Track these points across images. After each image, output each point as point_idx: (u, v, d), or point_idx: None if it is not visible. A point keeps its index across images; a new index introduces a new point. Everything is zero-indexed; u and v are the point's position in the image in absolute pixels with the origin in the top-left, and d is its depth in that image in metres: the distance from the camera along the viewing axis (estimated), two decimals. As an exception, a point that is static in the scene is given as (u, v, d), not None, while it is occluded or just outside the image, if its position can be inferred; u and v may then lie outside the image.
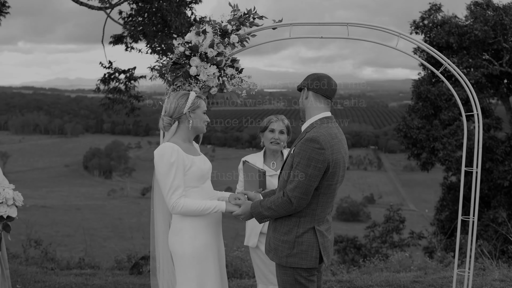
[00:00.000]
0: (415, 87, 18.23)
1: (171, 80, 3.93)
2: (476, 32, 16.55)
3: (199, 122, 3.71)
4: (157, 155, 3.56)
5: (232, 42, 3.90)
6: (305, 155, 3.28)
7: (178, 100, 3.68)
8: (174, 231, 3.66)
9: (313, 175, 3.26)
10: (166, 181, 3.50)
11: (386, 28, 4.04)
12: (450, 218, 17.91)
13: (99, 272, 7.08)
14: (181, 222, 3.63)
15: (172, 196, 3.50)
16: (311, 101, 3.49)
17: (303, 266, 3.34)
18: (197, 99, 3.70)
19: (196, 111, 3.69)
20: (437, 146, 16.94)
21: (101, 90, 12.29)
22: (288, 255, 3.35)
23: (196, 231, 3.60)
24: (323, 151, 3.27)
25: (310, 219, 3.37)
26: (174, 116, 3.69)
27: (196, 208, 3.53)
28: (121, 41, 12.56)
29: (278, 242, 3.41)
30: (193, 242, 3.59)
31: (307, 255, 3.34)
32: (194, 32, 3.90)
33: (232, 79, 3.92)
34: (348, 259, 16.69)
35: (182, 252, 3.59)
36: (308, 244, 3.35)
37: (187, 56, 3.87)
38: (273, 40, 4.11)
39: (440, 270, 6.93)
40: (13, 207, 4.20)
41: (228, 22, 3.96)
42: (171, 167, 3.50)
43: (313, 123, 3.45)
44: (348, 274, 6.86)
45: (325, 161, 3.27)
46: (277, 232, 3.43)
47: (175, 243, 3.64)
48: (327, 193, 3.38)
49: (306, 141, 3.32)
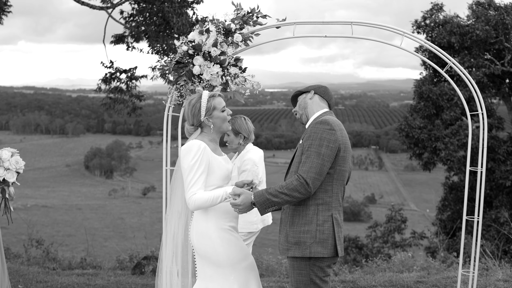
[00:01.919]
0: (417, 87, 18.20)
1: (174, 80, 3.90)
2: (477, 32, 16.51)
3: (220, 123, 3.63)
4: (184, 150, 3.52)
5: (235, 41, 3.88)
6: (316, 136, 3.37)
7: (193, 108, 3.59)
8: (200, 233, 3.57)
9: (326, 154, 3.33)
10: (187, 176, 3.47)
11: (390, 26, 4.01)
12: (452, 218, 17.88)
13: (101, 272, 7.05)
14: (206, 223, 3.57)
15: (189, 191, 3.47)
16: (316, 101, 3.65)
17: (324, 255, 3.37)
18: (210, 101, 3.58)
19: (213, 113, 3.59)
20: (439, 146, 16.92)
21: (102, 90, 12.28)
22: (311, 245, 3.37)
23: (221, 233, 3.55)
24: (333, 132, 3.37)
25: (327, 207, 3.41)
26: (195, 124, 3.64)
27: (207, 198, 3.46)
28: (122, 40, 12.57)
29: (300, 234, 3.41)
30: (223, 244, 3.53)
31: (328, 244, 3.38)
32: (197, 31, 3.88)
33: (235, 78, 3.89)
34: (350, 259, 16.66)
35: (215, 256, 3.53)
36: (328, 232, 3.39)
37: (191, 55, 3.85)
38: (277, 39, 4.09)
39: (443, 270, 6.90)
40: (11, 172, 4.09)
41: (231, 21, 3.94)
42: (195, 163, 3.46)
43: (318, 116, 3.59)
44: (351, 274, 6.83)
45: (336, 141, 3.36)
46: (296, 225, 3.43)
47: (205, 245, 3.55)
48: (339, 179, 3.45)
49: (317, 124, 3.43)
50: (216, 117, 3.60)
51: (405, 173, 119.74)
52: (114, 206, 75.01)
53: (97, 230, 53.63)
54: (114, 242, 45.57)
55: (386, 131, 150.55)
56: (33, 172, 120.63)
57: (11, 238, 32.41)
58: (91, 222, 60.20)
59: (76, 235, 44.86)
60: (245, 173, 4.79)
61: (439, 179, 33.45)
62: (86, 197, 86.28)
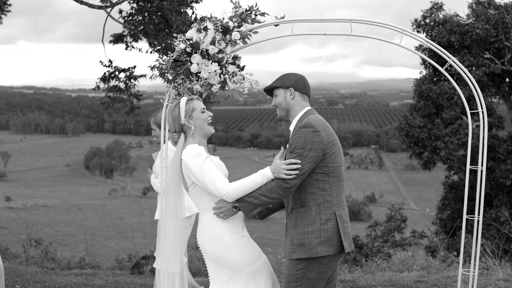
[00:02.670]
0: (417, 86, 18.18)
1: (172, 78, 3.87)
2: (477, 31, 16.49)
3: (202, 124, 3.63)
4: (189, 157, 3.47)
5: (233, 39, 3.84)
6: (300, 140, 3.38)
7: (172, 112, 3.63)
8: (213, 238, 3.51)
9: (308, 156, 3.34)
10: (205, 175, 3.42)
11: (390, 24, 3.98)
12: (452, 217, 17.85)
13: (99, 272, 7.02)
14: (218, 227, 3.51)
15: (217, 186, 3.40)
16: (297, 100, 3.63)
17: (331, 253, 3.38)
18: (189, 103, 3.63)
19: (193, 115, 3.62)
20: (439, 145, 16.89)
21: (101, 89, 12.25)
22: (318, 244, 3.37)
23: (234, 235, 3.50)
24: (318, 133, 3.39)
25: (329, 205, 3.43)
26: (178, 130, 3.63)
27: (246, 185, 3.38)
28: (121, 40, 12.53)
29: (304, 235, 3.41)
30: (238, 246, 3.49)
31: (333, 242, 3.39)
32: (195, 29, 3.84)
33: (233, 76, 3.85)
34: (350, 258, 16.62)
35: (231, 260, 3.48)
36: (332, 230, 3.40)
37: (188, 53, 3.81)
38: (275, 37, 4.05)
39: (443, 269, 6.87)
40: None
41: (229, 19, 3.90)
42: (205, 160, 3.44)
43: (301, 116, 3.57)
44: (350, 274, 6.80)
45: (321, 143, 3.38)
46: (300, 226, 3.44)
47: (219, 250, 3.49)
48: (336, 175, 3.46)
49: (300, 128, 3.44)
50: (196, 118, 3.61)
51: (405, 172, 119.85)
52: (114, 206, 75.03)
53: (97, 230, 53.64)
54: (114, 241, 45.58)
55: (386, 131, 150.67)
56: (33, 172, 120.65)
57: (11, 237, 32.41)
58: (91, 221, 60.19)
59: (76, 235, 44.86)
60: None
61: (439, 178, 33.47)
62: (86, 197, 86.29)
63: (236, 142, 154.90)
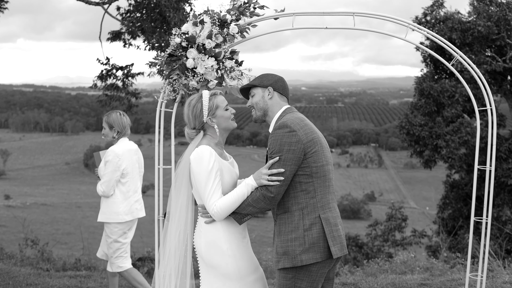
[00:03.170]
0: (418, 84, 18.02)
1: (167, 74, 3.70)
2: (479, 28, 16.32)
3: (225, 122, 3.41)
4: (195, 160, 3.25)
5: (231, 33, 3.67)
6: (276, 142, 3.18)
7: (193, 109, 3.36)
8: (210, 242, 3.33)
9: (287, 159, 3.14)
10: (205, 186, 3.22)
11: (394, 17, 3.81)
12: (453, 216, 17.70)
13: (94, 274, 6.85)
14: (216, 232, 3.32)
15: (209, 202, 3.21)
16: (276, 100, 3.43)
17: (318, 259, 3.15)
18: (212, 99, 3.37)
19: (216, 112, 3.38)
20: (440, 143, 16.72)
21: (98, 87, 12.08)
22: (302, 252, 3.15)
23: (232, 244, 3.32)
24: (294, 133, 3.17)
25: (312, 208, 3.20)
26: (197, 127, 3.40)
27: (232, 201, 3.19)
28: (119, 37, 12.37)
29: (288, 243, 3.19)
30: (235, 255, 3.30)
31: (320, 247, 3.16)
32: (191, 22, 3.67)
33: (231, 72, 3.68)
34: (350, 258, 16.47)
35: (225, 268, 3.29)
36: (318, 235, 3.17)
37: (184, 47, 3.64)
38: (275, 31, 3.88)
39: (446, 271, 6.71)
40: None
41: (227, 11, 3.73)
42: (210, 171, 3.21)
43: (279, 117, 3.38)
44: (352, 276, 6.63)
45: (299, 142, 3.16)
46: (283, 234, 3.22)
47: (214, 256, 3.31)
48: (320, 175, 3.23)
49: (275, 130, 3.24)
50: (219, 116, 3.39)
51: (405, 171, 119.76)
52: (114, 204, 74.82)
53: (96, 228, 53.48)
54: (113, 240, 45.40)
55: (386, 129, 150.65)
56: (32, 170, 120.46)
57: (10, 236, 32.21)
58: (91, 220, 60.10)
59: (76, 233, 44.72)
60: (108, 164, 5.10)
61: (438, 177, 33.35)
62: (86, 195, 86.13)
63: (236, 141, 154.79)
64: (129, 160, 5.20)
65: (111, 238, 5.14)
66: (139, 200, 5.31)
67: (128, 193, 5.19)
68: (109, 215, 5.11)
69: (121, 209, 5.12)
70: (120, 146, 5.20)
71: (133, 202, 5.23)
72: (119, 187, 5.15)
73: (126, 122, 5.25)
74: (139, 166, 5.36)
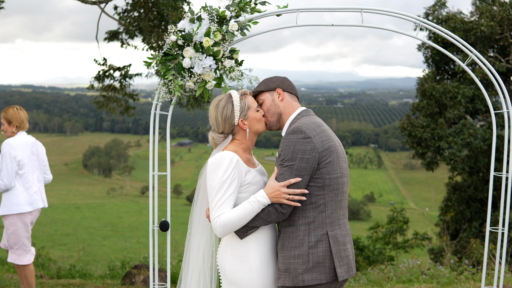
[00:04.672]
0: (420, 85, 17.81)
1: (162, 74, 3.46)
2: (482, 28, 16.09)
3: (257, 124, 3.10)
4: (212, 164, 2.95)
5: (230, 30, 3.43)
6: (289, 149, 2.88)
7: (223, 111, 3.03)
8: (238, 257, 3.00)
9: (300, 168, 2.84)
10: (215, 196, 2.91)
11: (404, 14, 3.58)
12: (455, 219, 17.46)
13: (88, 283, 6.60)
14: (246, 247, 2.99)
15: (216, 212, 2.90)
16: (287, 101, 3.14)
17: (322, 281, 2.86)
18: (243, 99, 3.07)
19: (248, 114, 3.07)
20: (442, 145, 16.48)
21: (95, 88, 11.85)
22: (304, 271, 2.86)
23: (263, 260, 2.99)
24: (309, 140, 2.87)
25: (320, 224, 2.90)
26: (226, 131, 3.07)
27: (239, 216, 2.87)
28: (117, 37, 12.16)
29: (290, 260, 2.90)
30: (263, 274, 2.98)
31: (325, 267, 2.87)
32: (188, 19, 3.43)
33: (230, 72, 3.43)
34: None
35: (249, 285, 2.97)
36: (324, 254, 2.88)
37: (180, 46, 3.40)
38: (277, 29, 3.64)
39: (454, 279, 6.47)
40: None
41: (226, 7, 3.48)
42: (225, 181, 2.90)
43: (293, 119, 3.09)
44: (357, 285, 6.39)
45: (314, 151, 2.86)
46: (286, 249, 2.94)
47: (240, 272, 2.98)
48: (333, 188, 2.93)
49: (288, 134, 2.93)
50: (252, 118, 3.07)
51: (404, 172, 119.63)
52: (113, 205, 74.91)
53: (95, 229, 53.44)
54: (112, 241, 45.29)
55: (385, 130, 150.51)
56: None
57: (6, 239, 32.03)
58: (89, 221, 60.03)
59: (74, 234, 44.58)
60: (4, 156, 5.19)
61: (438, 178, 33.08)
62: (85, 196, 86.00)
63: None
64: (24, 151, 5.34)
65: (9, 229, 5.27)
66: (38, 191, 5.46)
67: (27, 184, 5.35)
68: (10, 207, 5.25)
69: (22, 200, 5.27)
70: (16, 138, 5.35)
71: (32, 193, 5.38)
72: (17, 179, 5.31)
73: (23, 117, 5.41)
74: (37, 158, 5.51)
